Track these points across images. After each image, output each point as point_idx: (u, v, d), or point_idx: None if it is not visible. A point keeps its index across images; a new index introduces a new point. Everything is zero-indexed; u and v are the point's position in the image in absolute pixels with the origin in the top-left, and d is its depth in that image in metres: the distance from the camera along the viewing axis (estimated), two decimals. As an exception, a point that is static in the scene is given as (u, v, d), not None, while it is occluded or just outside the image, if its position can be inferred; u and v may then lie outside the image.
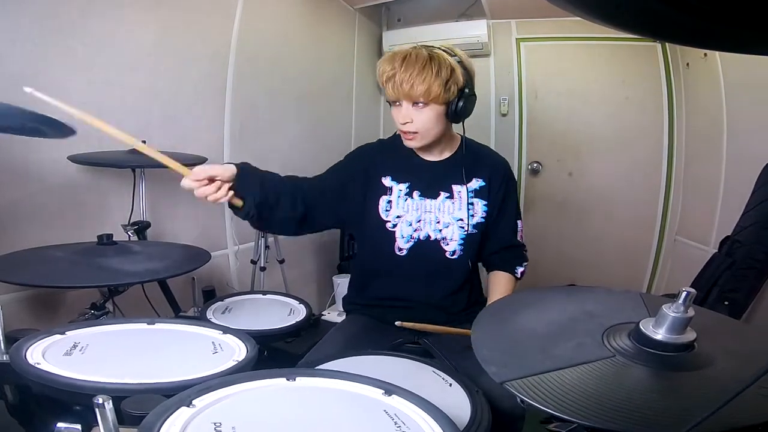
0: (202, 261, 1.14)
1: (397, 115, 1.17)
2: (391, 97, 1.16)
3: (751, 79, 2.01)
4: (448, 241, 1.22)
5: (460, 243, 1.22)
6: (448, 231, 1.22)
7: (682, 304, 0.64)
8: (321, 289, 2.76)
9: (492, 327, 0.77)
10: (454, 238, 1.22)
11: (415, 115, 1.15)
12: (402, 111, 1.15)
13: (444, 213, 1.23)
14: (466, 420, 0.78)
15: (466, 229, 1.22)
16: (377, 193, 1.24)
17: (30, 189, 1.39)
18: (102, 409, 0.51)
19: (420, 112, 1.14)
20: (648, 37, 2.24)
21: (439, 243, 1.22)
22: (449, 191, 1.23)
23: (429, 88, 1.10)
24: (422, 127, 1.16)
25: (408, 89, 1.11)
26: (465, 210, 1.22)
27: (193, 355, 0.85)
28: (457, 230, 1.22)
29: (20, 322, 1.26)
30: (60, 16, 1.41)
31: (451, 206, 1.23)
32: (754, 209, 1.78)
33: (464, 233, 1.22)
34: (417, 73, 1.10)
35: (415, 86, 1.10)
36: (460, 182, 1.24)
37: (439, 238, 1.22)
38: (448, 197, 1.23)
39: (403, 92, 1.12)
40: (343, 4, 2.81)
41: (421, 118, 1.15)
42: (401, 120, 1.16)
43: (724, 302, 1.68)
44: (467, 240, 1.22)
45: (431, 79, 1.10)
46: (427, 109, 1.14)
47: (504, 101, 3.03)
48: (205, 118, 1.98)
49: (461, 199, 1.23)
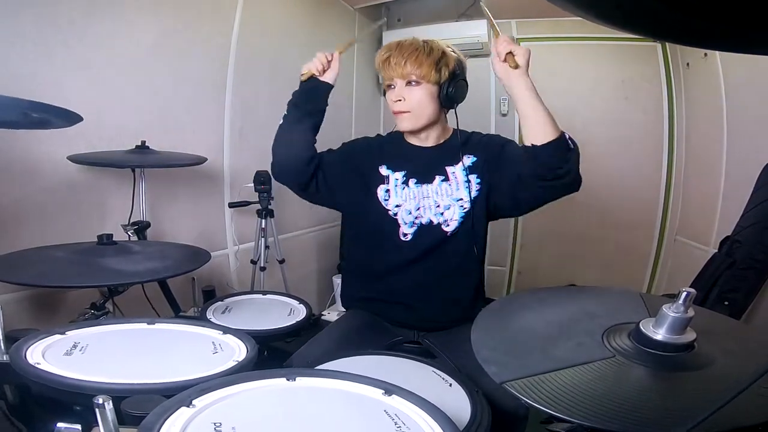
0: (202, 261, 1.14)
1: (391, 97, 1.22)
2: (386, 80, 1.23)
3: (751, 79, 2.01)
4: (449, 222, 1.22)
5: (459, 221, 1.22)
6: (449, 212, 1.22)
7: (682, 304, 0.64)
8: (321, 289, 2.76)
9: (492, 327, 0.77)
10: (455, 218, 1.22)
11: (407, 93, 1.20)
12: (395, 90, 1.21)
13: (442, 196, 1.23)
14: (466, 420, 0.78)
15: (466, 207, 1.22)
16: (376, 183, 1.25)
17: (30, 189, 1.39)
18: (102, 409, 0.51)
19: (412, 91, 1.19)
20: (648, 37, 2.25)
21: (441, 226, 1.22)
22: (443, 173, 1.24)
23: (420, 66, 1.17)
24: (415, 106, 1.20)
25: (401, 68, 1.18)
26: (463, 189, 1.22)
27: (193, 355, 0.85)
28: (458, 210, 1.22)
29: (20, 322, 1.26)
30: (60, 16, 1.41)
31: (448, 188, 1.23)
32: (754, 209, 1.78)
33: (464, 211, 1.22)
34: (410, 53, 1.18)
35: (407, 64, 1.17)
36: (452, 163, 1.24)
37: (441, 221, 1.22)
38: (444, 180, 1.23)
39: (396, 72, 1.18)
40: (343, 4, 2.81)
41: (413, 96, 1.19)
42: (394, 98, 1.21)
43: (724, 302, 1.68)
44: (466, 216, 1.22)
45: (423, 57, 1.17)
46: (418, 88, 1.19)
47: (504, 101, 3.02)
48: (205, 118, 1.98)
49: (457, 178, 1.23)
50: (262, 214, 2.04)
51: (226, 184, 2.10)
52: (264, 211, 2.03)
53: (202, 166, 1.70)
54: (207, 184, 2.02)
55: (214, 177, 2.04)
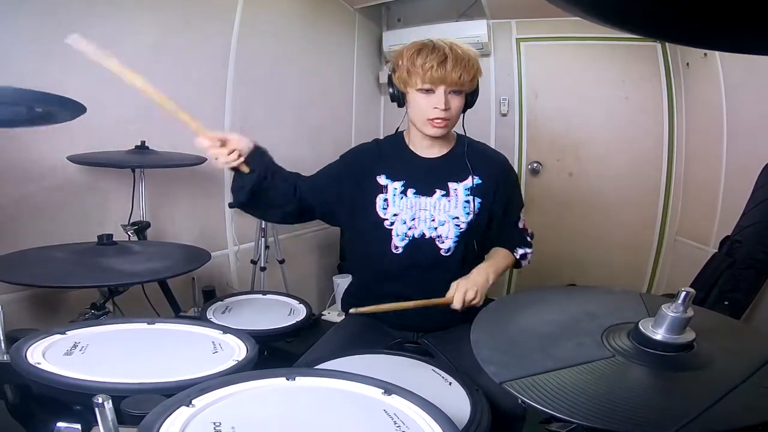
0: (202, 261, 1.14)
1: (429, 102, 1.15)
2: (424, 83, 1.14)
3: (751, 79, 2.01)
4: (444, 239, 1.21)
5: (455, 240, 1.21)
6: (444, 229, 1.21)
7: (682, 304, 0.64)
8: (321, 289, 2.76)
9: (492, 327, 0.77)
10: (450, 236, 1.21)
11: (450, 101, 1.16)
12: (440, 97, 1.14)
13: (439, 211, 1.22)
14: (466, 419, 0.78)
15: (461, 227, 1.21)
16: (374, 192, 1.24)
17: (30, 189, 1.39)
18: (102, 408, 0.51)
19: (454, 99, 1.16)
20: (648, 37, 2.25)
21: (434, 241, 1.21)
22: (445, 189, 1.22)
23: (473, 77, 1.16)
24: (455, 114, 1.19)
25: (457, 76, 1.12)
26: (461, 208, 1.21)
27: (193, 355, 0.85)
28: (453, 228, 1.21)
29: (20, 322, 1.26)
30: (60, 16, 1.41)
31: (447, 204, 1.22)
32: (754, 209, 1.78)
33: (459, 231, 1.21)
34: (467, 62, 1.13)
35: (464, 74, 1.13)
36: (456, 180, 1.23)
37: (434, 236, 1.21)
38: (444, 195, 1.22)
39: (450, 78, 1.12)
40: (343, 4, 2.81)
41: (455, 105, 1.17)
42: (440, 105, 1.14)
43: (723, 302, 1.68)
44: (462, 237, 1.22)
45: (474, 69, 1.15)
46: (459, 98, 1.17)
47: (504, 101, 3.03)
48: (205, 118, 1.97)
49: (457, 197, 1.22)
50: (262, 214, 2.04)
51: (226, 184, 2.09)
52: (264, 211, 2.03)
53: (202, 166, 1.70)
54: (207, 184, 2.02)
55: (214, 177, 2.03)
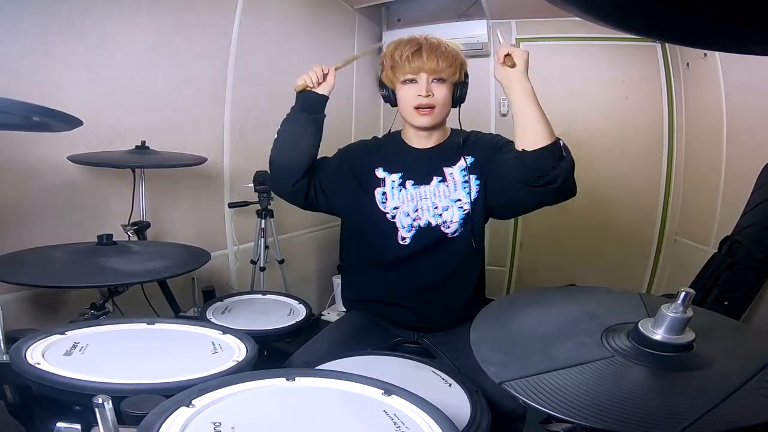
0: (202, 261, 1.14)
1: (412, 91, 1.19)
2: (407, 73, 1.19)
3: (751, 79, 2.01)
4: (449, 224, 1.22)
5: (460, 223, 1.21)
6: (448, 214, 1.21)
7: (681, 304, 0.64)
8: (321, 289, 2.76)
9: (492, 327, 0.77)
10: (455, 220, 1.21)
11: (434, 88, 1.18)
12: (422, 84, 1.18)
13: (440, 197, 1.22)
14: (466, 420, 0.78)
15: (465, 208, 1.21)
16: (372, 186, 1.24)
17: (30, 189, 1.39)
18: (102, 409, 0.51)
19: (438, 87, 1.19)
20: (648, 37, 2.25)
21: (440, 228, 1.22)
22: (441, 174, 1.23)
23: (452, 65, 1.18)
24: (440, 102, 1.19)
25: (433, 63, 1.16)
26: (461, 189, 1.22)
27: (193, 355, 0.85)
28: (457, 211, 1.21)
29: (20, 322, 1.26)
30: (60, 16, 1.41)
31: (446, 189, 1.22)
32: (754, 209, 1.78)
33: (463, 213, 1.21)
34: (441, 50, 1.17)
35: (440, 60, 1.16)
36: (450, 164, 1.24)
37: (440, 222, 1.21)
38: (441, 181, 1.23)
39: (428, 66, 1.16)
40: (343, 4, 2.81)
41: (439, 93, 1.19)
42: (422, 92, 1.17)
43: (723, 302, 1.68)
44: (467, 219, 1.22)
45: (452, 57, 1.18)
46: (443, 86, 1.19)
47: (504, 101, 3.02)
48: (205, 118, 1.98)
49: (455, 179, 1.22)
50: (261, 214, 2.04)
51: (225, 184, 2.10)
52: (264, 212, 2.03)
53: (202, 166, 1.70)
54: (207, 184, 2.02)
55: (214, 177, 2.04)
